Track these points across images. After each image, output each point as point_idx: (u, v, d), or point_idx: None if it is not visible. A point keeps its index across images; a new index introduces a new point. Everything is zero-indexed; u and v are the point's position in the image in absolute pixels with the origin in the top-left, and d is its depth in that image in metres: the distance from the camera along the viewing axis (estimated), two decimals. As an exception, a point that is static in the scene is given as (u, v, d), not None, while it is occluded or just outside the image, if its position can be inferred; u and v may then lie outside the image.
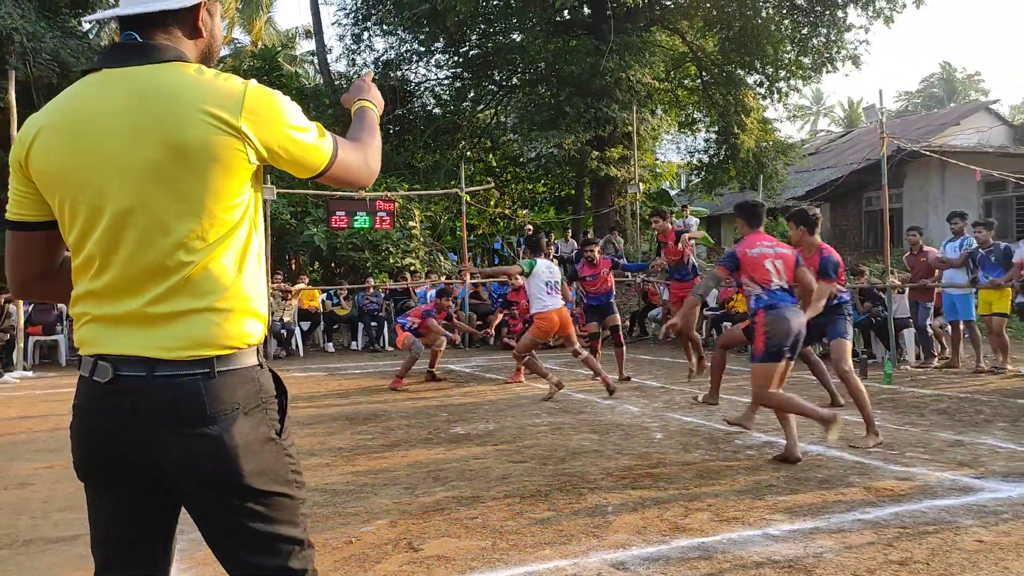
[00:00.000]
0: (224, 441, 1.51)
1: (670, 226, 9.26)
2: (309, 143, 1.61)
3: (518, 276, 8.00)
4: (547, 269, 7.81)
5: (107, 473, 1.57)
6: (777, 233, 22.88)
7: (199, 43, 1.65)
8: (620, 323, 9.42)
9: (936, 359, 10.18)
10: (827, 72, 19.53)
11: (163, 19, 1.59)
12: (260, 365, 1.61)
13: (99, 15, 1.86)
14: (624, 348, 9.22)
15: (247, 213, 1.59)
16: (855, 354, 10.59)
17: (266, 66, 17.05)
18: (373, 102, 1.90)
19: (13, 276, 1.69)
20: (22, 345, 10.87)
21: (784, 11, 19.06)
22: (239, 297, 1.57)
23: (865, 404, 5.50)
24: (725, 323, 13.29)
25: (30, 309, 11.40)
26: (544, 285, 7.71)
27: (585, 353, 7.95)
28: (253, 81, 1.58)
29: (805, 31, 18.97)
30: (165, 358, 1.50)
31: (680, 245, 8.86)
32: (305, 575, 1.61)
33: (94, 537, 1.63)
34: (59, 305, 11.91)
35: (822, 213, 22.86)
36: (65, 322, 12.13)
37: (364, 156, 1.75)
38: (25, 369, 10.69)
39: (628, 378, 8.93)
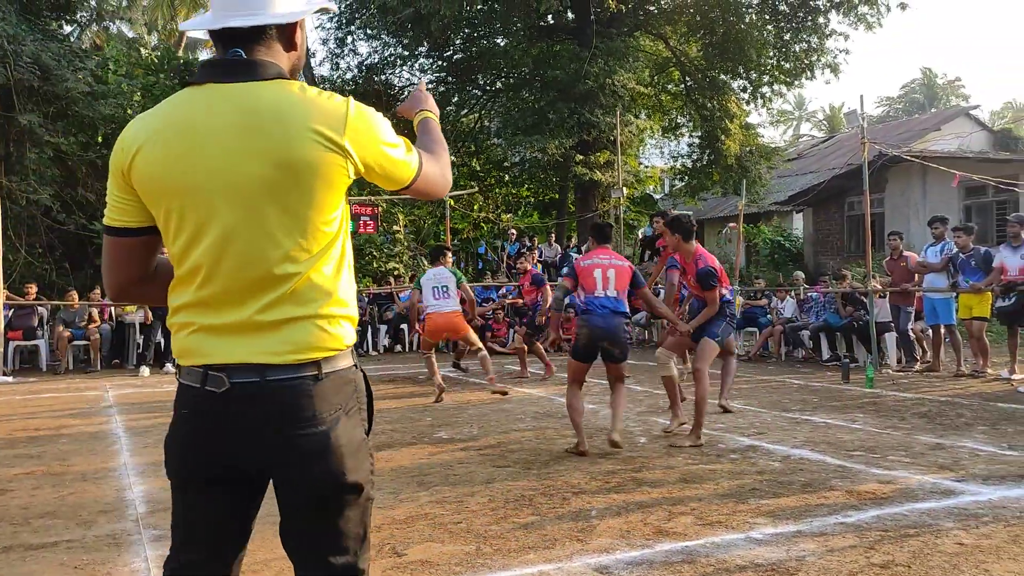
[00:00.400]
0: (331, 441, 1.58)
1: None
2: (400, 159, 1.68)
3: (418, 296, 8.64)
4: (433, 276, 8.33)
5: (211, 476, 1.62)
6: (760, 240, 23.10)
7: (291, 56, 1.69)
8: None
9: (917, 363, 10.28)
10: (807, 79, 19.68)
11: (266, 33, 1.63)
12: (355, 366, 1.68)
13: (197, 23, 1.75)
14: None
15: (342, 224, 1.65)
16: (837, 358, 10.71)
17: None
18: (433, 112, 1.97)
19: (111, 281, 1.71)
20: (2, 350, 10.74)
21: (767, 17, 19.20)
22: (338, 303, 1.63)
23: (703, 408, 5.77)
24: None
25: (10, 314, 11.27)
26: (431, 291, 8.25)
27: (483, 352, 8.41)
28: (352, 99, 1.63)
29: (787, 37, 19.11)
30: (276, 363, 1.56)
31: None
32: (364, 575, 1.67)
33: (183, 535, 1.66)
34: (39, 310, 11.79)
35: (805, 218, 23.12)
36: (46, 327, 12.01)
37: (441, 168, 1.83)
38: (5, 374, 10.56)
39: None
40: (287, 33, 1.67)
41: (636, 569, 3.26)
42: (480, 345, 8.48)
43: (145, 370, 10.99)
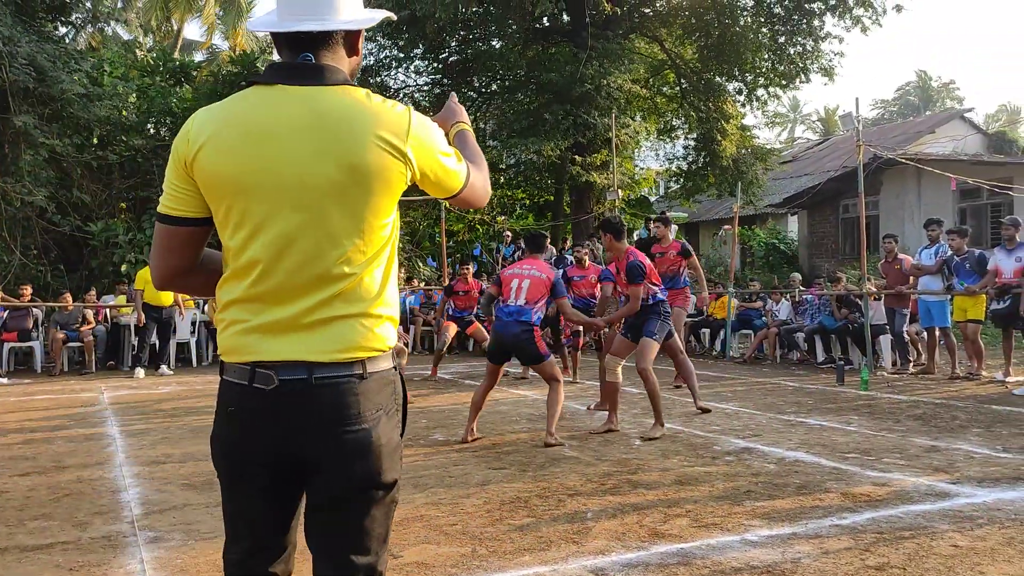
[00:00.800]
0: (372, 440, 1.62)
1: (671, 236, 9.07)
2: (452, 168, 1.74)
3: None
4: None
5: (257, 472, 1.65)
6: (755, 242, 23.15)
7: (353, 61, 1.75)
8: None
9: (912, 365, 10.30)
10: (801, 82, 19.71)
11: (333, 38, 1.67)
12: (395, 368, 1.72)
13: (262, 24, 1.77)
14: (579, 353, 10.13)
15: (394, 229, 1.71)
16: (832, 360, 10.73)
17: (244, 71, 16.94)
18: (467, 124, 2.02)
19: (159, 268, 1.74)
20: (-5, 352, 10.72)
21: (762, 20, 19.24)
22: (384, 304, 1.68)
23: (657, 401, 6.13)
24: (704, 329, 13.40)
25: (5, 315, 11.24)
26: None
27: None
28: (412, 108, 1.67)
29: (782, 40, 19.16)
30: (323, 361, 1.60)
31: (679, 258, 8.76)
32: None
33: (234, 529, 1.72)
34: (34, 311, 11.75)
35: (799, 220, 23.17)
36: (40, 329, 11.97)
37: (484, 179, 1.88)
38: (-1, 376, 10.54)
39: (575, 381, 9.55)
40: (352, 39, 1.72)
41: (632, 571, 3.27)
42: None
43: (140, 372, 10.96)
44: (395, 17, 1.88)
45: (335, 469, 1.61)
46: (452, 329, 10.50)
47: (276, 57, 1.79)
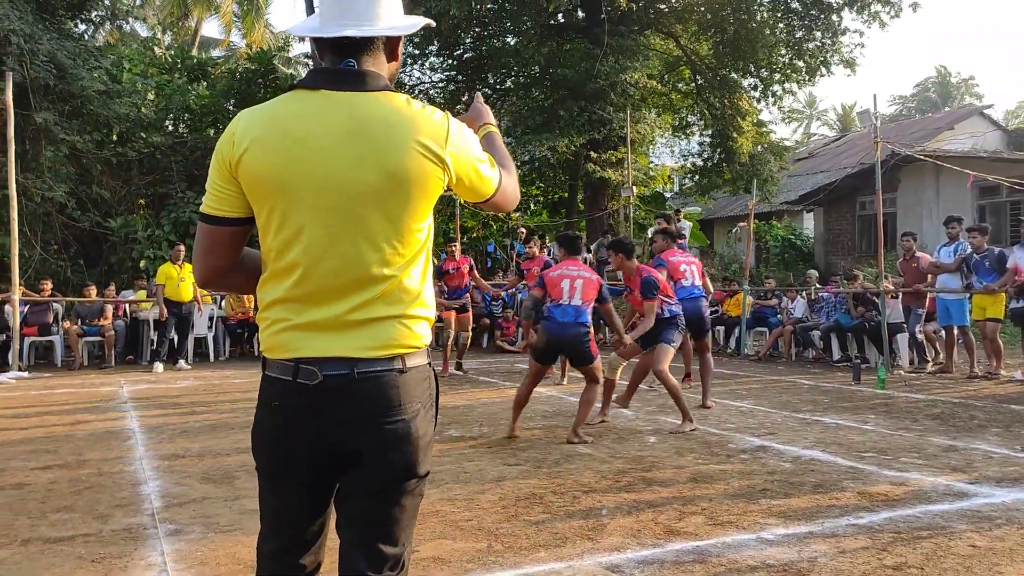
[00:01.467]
0: (410, 432, 1.68)
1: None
2: (486, 174, 1.79)
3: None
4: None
5: (298, 465, 1.70)
6: (771, 236, 23.01)
7: (392, 66, 1.79)
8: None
9: (930, 364, 10.23)
10: (821, 76, 19.56)
11: (375, 44, 1.71)
12: (429, 364, 1.77)
13: (304, 29, 1.83)
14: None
15: (430, 232, 1.75)
16: (848, 359, 10.68)
17: (261, 68, 17.03)
18: (494, 125, 2.06)
19: (201, 267, 1.78)
20: (18, 346, 10.83)
21: (779, 15, 19.10)
22: (422, 305, 1.73)
23: (680, 399, 6.24)
24: (718, 327, 13.36)
25: (25, 310, 11.37)
26: None
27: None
28: (449, 115, 1.72)
29: (800, 35, 19.01)
30: (364, 356, 1.65)
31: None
32: (404, 570, 1.74)
33: (271, 523, 1.77)
34: (54, 306, 11.88)
35: (816, 217, 23.03)
36: (60, 324, 12.10)
37: (514, 183, 1.92)
38: (20, 369, 10.65)
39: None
40: (392, 45, 1.76)
41: (647, 568, 3.28)
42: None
43: (159, 366, 11.06)
44: (434, 24, 1.92)
45: (375, 460, 1.66)
46: (453, 318, 10.10)
47: (296, 56, 1.81)
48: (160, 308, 11.11)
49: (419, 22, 1.80)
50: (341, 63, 1.69)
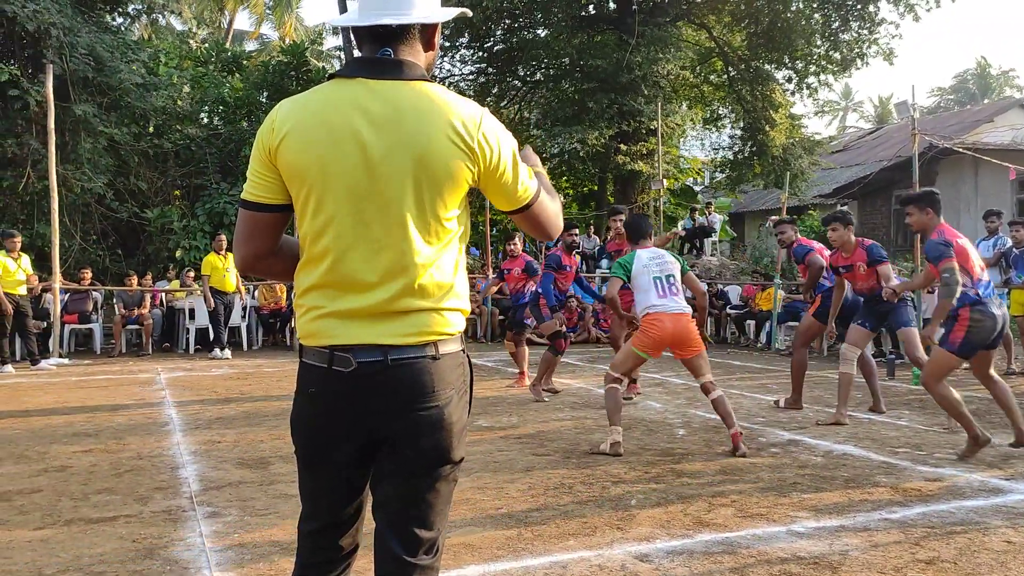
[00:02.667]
0: (444, 418, 1.70)
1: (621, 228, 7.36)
2: (519, 176, 1.78)
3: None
4: (651, 261, 5.50)
5: (335, 450, 1.74)
6: (806, 227, 22.76)
7: (429, 56, 1.81)
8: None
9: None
10: (857, 68, 19.28)
11: (411, 32, 1.74)
12: (463, 351, 1.79)
13: (344, 20, 1.87)
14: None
15: (463, 222, 1.77)
16: (882, 354, 10.54)
17: (294, 61, 17.18)
18: (542, 170, 2.02)
19: (241, 252, 1.82)
20: (58, 333, 11.10)
21: (815, 5, 18.84)
22: (454, 295, 1.75)
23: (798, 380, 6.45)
24: (749, 321, 13.26)
25: (66, 298, 11.63)
26: (652, 283, 5.41)
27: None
28: (486, 110, 1.75)
29: (836, 25, 18.74)
30: (398, 343, 1.68)
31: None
32: (438, 554, 1.77)
33: (310, 506, 1.81)
34: (94, 294, 12.14)
35: (850, 210, 22.71)
36: (100, 311, 12.36)
37: (557, 208, 1.90)
38: (61, 356, 10.91)
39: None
40: (428, 34, 1.78)
41: (676, 558, 3.29)
42: (708, 380, 5.39)
43: (221, 352, 11.23)
44: (470, 13, 1.92)
45: (408, 446, 1.69)
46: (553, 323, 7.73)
47: (328, 49, 1.85)
48: (207, 298, 11.26)
49: (453, 11, 1.83)
50: (378, 52, 1.72)
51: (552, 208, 1.87)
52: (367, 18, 1.72)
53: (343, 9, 21.01)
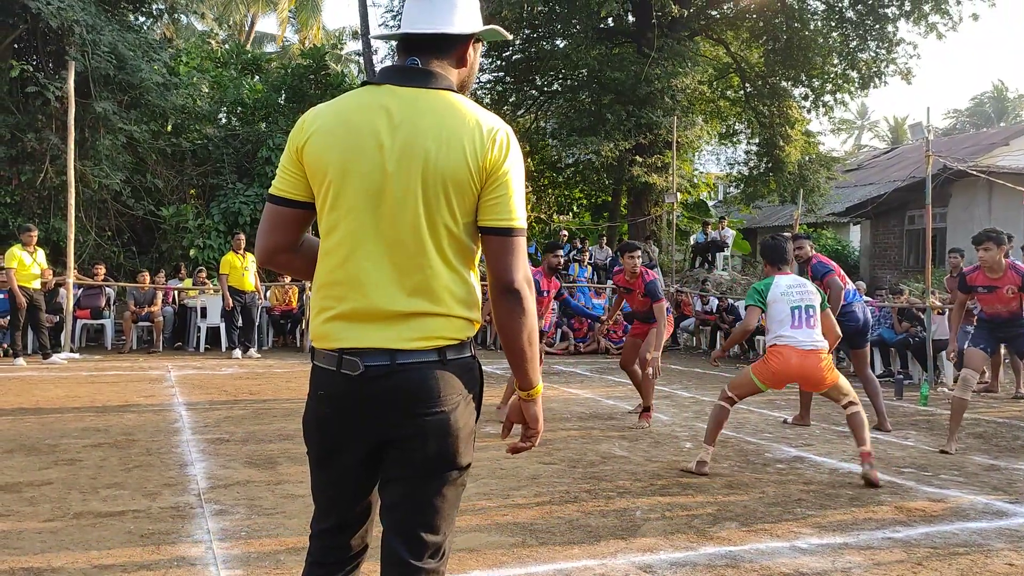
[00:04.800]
0: (451, 423, 1.72)
1: (638, 264, 6.74)
2: (515, 201, 1.75)
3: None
4: (790, 289, 5.09)
5: (344, 452, 1.77)
6: (820, 246, 22.71)
7: (461, 72, 1.86)
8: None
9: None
10: (874, 87, 19.25)
11: (439, 44, 1.79)
12: (473, 356, 1.80)
13: (387, 33, 1.97)
14: None
15: (473, 234, 1.76)
16: (891, 373, 10.51)
17: (314, 65, 17.32)
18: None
19: (262, 243, 1.87)
20: (70, 328, 11.20)
21: (833, 23, 18.84)
22: (464, 302, 1.76)
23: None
24: (758, 337, 13.23)
25: (79, 293, 11.74)
26: (789, 312, 4.99)
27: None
28: (508, 128, 1.76)
29: (854, 44, 18.74)
30: (404, 348, 1.70)
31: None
32: (444, 559, 1.79)
33: (321, 506, 1.85)
34: (107, 290, 12.24)
35: (862, 230, 22.67)
36: (112, 307, 12.46)
37: (531, 286, 1.78)
38: (72, 351, 11.01)
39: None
40: (459, 50, 1.83)
41: (679, 570, 3.31)
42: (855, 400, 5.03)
43: (238, 352, 11.23)
44: (507, 35, 1.95)
45: (416, 450, 1.71)
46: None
47: (347, 54, 1.91)
48: (225, 297, 11.33)
49: (484, 26, 1.87)
50: (407, 61, 1.78)
51: (525, 264, 1.76)
52: (402, 28, 1.80)
53: (365, 17, 21.19)
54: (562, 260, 7.61)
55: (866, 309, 7.25)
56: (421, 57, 1.78)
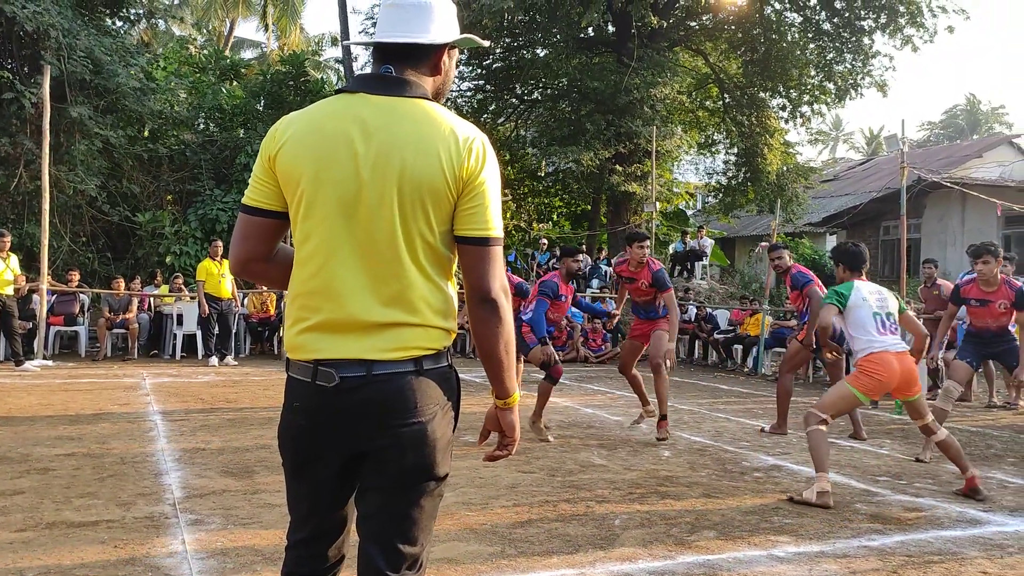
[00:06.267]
0: (427, 434, 1.71)
1: (646, 254, 6.87)
2: (491, 209, 1.74)
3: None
4: (871, 296, 5.01)
5: (320, 463, 1.76)
6: (798, 255, 22.96)
7: (436, 80, 1.84)
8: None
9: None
10: (851, 99, 19.52)
11: (413, 53, 1.78)
12: (450, 366, 1.78)
13: (361, 40, 1.94)
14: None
15: (449, 243, 1.75)
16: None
17: (293, 71, 17.26)
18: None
19: (235, 253, 1.85)
20: (43, 334, 11.03)
21: (810, 35, 19.10)
22: (440, 312, 1.74)
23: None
24: (736, 346, 13.33)
25: (52, 300, 11.57)
26: (872, 319, 4.89)
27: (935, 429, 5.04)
28: (484, 137, 1.75)
29: (830, 56, 18.99)
30: (380, 359, 1.68)
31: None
32: (422, 570, 1.78)
33: (296, 517, 1.84)
34: (81, 297, 12.08)
35: (838, 240, 22.92)
36: (86, 314, 12.29)
37: (508, 296, 1.77)
38: (45, 358, 10.84)
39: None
40: (434, 58, 1.81)
41: (658, 579, 3.31)
42: (930, 420, 5.02)
43: (215, 360, 11.17)
44: (483, 43, 1.95)
45: (392, 461, 1.70)
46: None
47: (326, 60, 1.90)
48: (201, 304, 11.22)
49: (458, 35, 1.85)
50: (381, 69, 1.77)
51: (502, 273, 1.76)
52: (377, 36, 1.79)
53: (344, 23, 21.16)
54: (580, 265, 7.57)
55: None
56: (395, 65, 1.77)
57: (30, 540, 3.57)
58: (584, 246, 18.83)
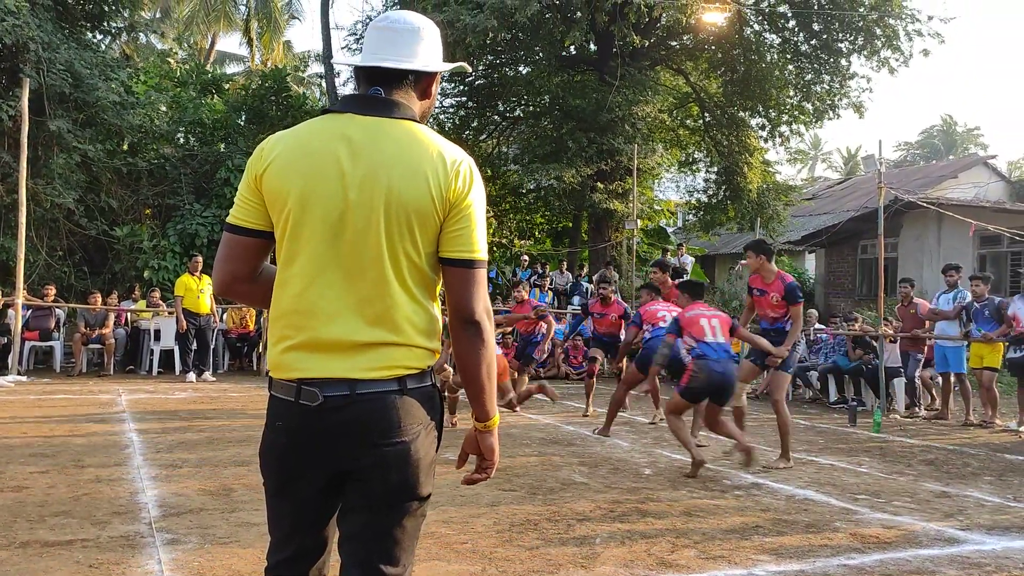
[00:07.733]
0: (411, 454, 1.71)
1: (670, 280, 8.57)
2: (477, 231, 1.74)
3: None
4: None
5: (302, 482, 1.74)
6: (786, 266, 23.13)
7: (424, 104, 1.85)
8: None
9: (923, 409, 10.25)
10: (829, 119, 19.77)
11: (407, 79, 1.79)
12: (433, 384, 1.78)
13: (350, 60, 1.94)
14: (594, 381, 9.25)
15: (436, 262, 1.75)
16: (844, 400, 10.71)
17: (275, 86, 17.22)
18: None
19: (219, 273, 1.83)
20: (18, 349, 10.87)
21: (788, 56, 19.36)
22: (423, 332, 1.74)
23: (787, 434, 6.34)
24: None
25: (28, 314, 11.41)
26: None
27: None
28: (470, 160, 1.76)
29: (809, 77, 19.26)
30: (364, 378, 1.69)
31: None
32: None
33: (276, 537, 1.82)
34: (57, 312, 11.93)
35: (817, 258, 23.16)
36: (62, 329, 12.13)
37: (492, 325, 1.78)
38: (20, 374, 10.67)
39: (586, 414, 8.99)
40: (424, 83, 1.82)
41: (639, 598, 3.31)
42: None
43: (192, 375, 11.05)
44: (469, 69, 1.99)
45: (375, 480, 1.69)
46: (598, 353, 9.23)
47: (309, 76, 1.90)
48: (179, 319, 11.11)
49: (447, 65, 1.88)
50: (369, 90, 1.77)
51: (485, 297, 1.76)
52: (369, 60, 1.78)
53: (327, 41, 21.16)
54: (610, 292, 8.91)
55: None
56: (384, 87, 1.77)
57: (3, 560, 3.50)
58: (565, 263, 18.88)
